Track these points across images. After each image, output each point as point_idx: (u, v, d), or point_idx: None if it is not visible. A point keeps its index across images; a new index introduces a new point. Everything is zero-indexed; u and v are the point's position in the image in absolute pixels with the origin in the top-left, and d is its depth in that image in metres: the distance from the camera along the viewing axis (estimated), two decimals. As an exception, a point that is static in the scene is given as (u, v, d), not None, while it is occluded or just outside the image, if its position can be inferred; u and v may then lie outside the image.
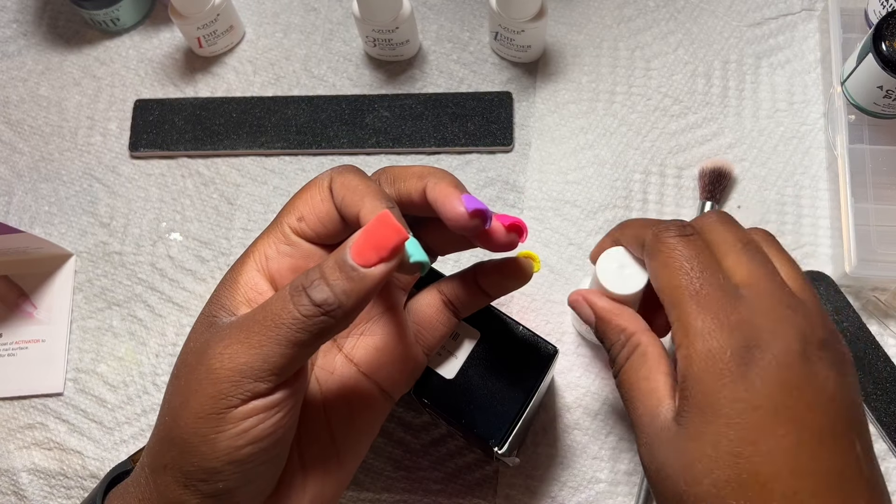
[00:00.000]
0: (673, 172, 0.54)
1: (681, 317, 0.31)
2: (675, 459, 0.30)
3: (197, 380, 0.28)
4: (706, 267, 0.31)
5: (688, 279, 0.31)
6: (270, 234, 0.32)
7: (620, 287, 0.36)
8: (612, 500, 0.47)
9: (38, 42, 0.62)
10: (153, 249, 0.55)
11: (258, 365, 0.28)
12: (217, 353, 0.28)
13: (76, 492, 0.50)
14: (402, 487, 0.48)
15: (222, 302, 0.31)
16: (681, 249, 0.32)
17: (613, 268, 0.36)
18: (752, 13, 0.59)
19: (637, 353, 0.33)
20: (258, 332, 0.28)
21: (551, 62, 0.58)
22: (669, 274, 0.32)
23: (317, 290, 0.27)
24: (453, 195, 0.31)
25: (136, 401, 0.52)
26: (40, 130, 0.59)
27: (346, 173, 0.32)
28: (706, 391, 0.29)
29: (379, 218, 0.27)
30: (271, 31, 0.61)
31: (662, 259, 0.32)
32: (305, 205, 0.32)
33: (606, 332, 0.36)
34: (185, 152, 0.57)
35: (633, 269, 0.36)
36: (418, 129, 0.56)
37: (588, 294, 0.37)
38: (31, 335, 0.53)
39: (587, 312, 0.37)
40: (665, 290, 0.32)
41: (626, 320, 0.35)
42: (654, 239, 0.33)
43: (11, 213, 0.57)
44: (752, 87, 0.56)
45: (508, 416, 0.39)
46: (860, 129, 0.52)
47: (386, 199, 0.31)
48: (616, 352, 0.35)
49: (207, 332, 0.30)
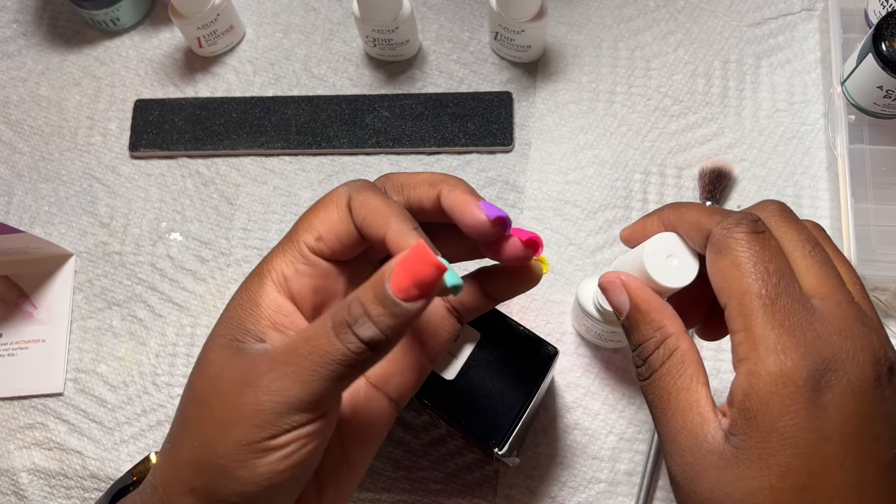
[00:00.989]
0: (673, 172, 0.54)
1: (751, 327, 0.27)
2: (732, 487, 0.27)
3: (239, 409, 0.28)
4: (783, 274, 0.28)
5: (764, 286, 0.28)
6: (286, 252, 0.32)
7: (667, 278, 0.31)
8: (612, 500, 0.47)
9: (38, 42, 0.62)
10: (153, 249, 0.55)
11: (306, 398, 0.28)
12: (264, 386, 0.28)
13: (76, 492, 0.50)
14: (402, 487, 0.48)
15: (245, 326, 0.30)
16: (757, 249, 0.28)
17: (662, 256, 0.32)
18: (752, 13, 0.59)
19: (675, 358, 0.30)
20: (306, 367, 0.28)
21: (551, 62, 0.58)
22: (742, 277, 0.28)
23: (364, 328, 0.27)
24: (471, 203, 0.31)
25: (136, 401, 0.52)
26: (40, 130, 0.59)
27: (364, 191, 0.31)
28: (774, 415, 0.26)
29: (415, 250, 0.27)
30: (271, 31, 0.61)
31: (734, 258, 0.28)
32: (323, 224, 0.31)
33: (640, 327, 0.31)
34: (185, 152, 0.57)
35: (685, 260, 0.32)
36: (418, 129, 0.56)
37: (629, 279, 0.32)
38: (32, 335, 0.53)
39: (621, 299, 0.32)
40: (734, 294, 0.28)
41: (668, 318, 0.31)
42: (725, 233, 0.29)
43: (11, 213, 0.57)
44: (752, 87, 0.56)
45: (508, 416, 0.39)
46: (860, 129, 0.52)
47: (411, 221, 0.30)
48: (648, 351, 0.31)
49: (238, 359, 0.29)
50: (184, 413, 0.30)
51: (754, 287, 0.28)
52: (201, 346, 0.53)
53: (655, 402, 0.30)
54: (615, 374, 0.50)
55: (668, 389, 0.30)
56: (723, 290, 0.29)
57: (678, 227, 0.32)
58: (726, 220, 0.29)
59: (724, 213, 0.30)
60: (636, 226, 0.34)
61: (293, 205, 0.55)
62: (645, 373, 0.31)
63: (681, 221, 0.32)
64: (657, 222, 0.33)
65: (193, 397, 0.30)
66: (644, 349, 0.31)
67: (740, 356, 0.28)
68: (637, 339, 0.31)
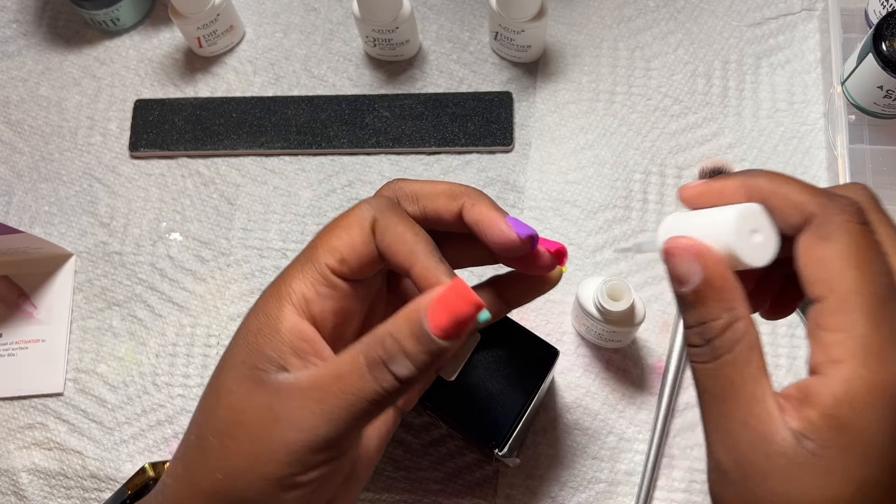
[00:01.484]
0: (673, 172, 0.54)
1: (853, 329, 0.25)
2: (803, 494, 0.25)
3: (267, 445, 0.28)
4: (891, 275, 0.26)
5: (874, 286, 0.25)
6: (306, 273, 0.31)
7: (750, 255, 0.27)
8: (612, 500, 0.47)
9: (38, 42, 0.62)
10: (153, 249, 0.55)
11: (334, 436, 0.28)
12: (293, 423, 0.28)
13: (76, 492, 0.50)
14: (402, 487, 0.48)
15: (265, 353, 0.29)
16: (866, 243, 0.26)
17: (747, 229, 0.28)
18: (752, 13, 0.59)
19: (744, 345, 0.27)
20: (336, 406, 0.28)
21: (551, 62, 0.58)
22: (849, 271, 0.25)
23: (400, 366, 0.27)
24: (499, 219, 0.30)
25: (135, 401, 0.52)
26: (40, 130, 0.59)
27: (389, 214, 0.30)
28: (866, 427, 0.24)
29: (454, 289, 0.27)
30: (271, 31, 0.61)
31: (840, 249, 0.26)
32: (347, 247, 0.30)
33: (709, 303, 0.27)
34: (185, 152, 0.57)
35: (767, 238, 0.28)
36: (418, 129, 0.56)
37: (705, 250, 0.28)
38: (31, 335, 0.53)
39: (692, 269, 0.28)
40: (836, 288, 0.25)
41: (740, 299, 0.27)
42: (832, 218, 0.26)
43: (11, 213, 0.57)
44: (752, 87, 0.56)
45: (509, 417, 0.39)
46: (860, 129, 0.52)
47: (436, 253, 0.30)
48: (713, 332, 0.27)
49: (263, 391, 0.29)
50: (202, 441, 0.30)
51: (862, 285, 0.25)
52: (200, 345, 0.53)
53: (715, 391, 0.27)
54: (615, 375, 0.50)
55: (733, 378, 0.27)
56: (820, 282, 0.26)
57: (771, 199, 0.28)
58: (832, 204, 0.26)
59: (828, 194, 0.27)
60: (710, 186, 0.30)
61: (293, 205, 0.55)
62: (705, 355, 0.27)
63: (775, 195, 0.28)
64: (739, 188, 0.29)
65: (214, 427, 0.29)
66: (709, 329, 0.27)
67: (834, 357, 0.25)
68: (701, 316, 0.28)
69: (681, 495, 0.47)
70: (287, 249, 0.54)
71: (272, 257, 0.54)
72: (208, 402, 0.30)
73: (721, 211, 0.28)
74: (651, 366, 0.50)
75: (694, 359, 0.28)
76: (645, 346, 0.50)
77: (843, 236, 0.26)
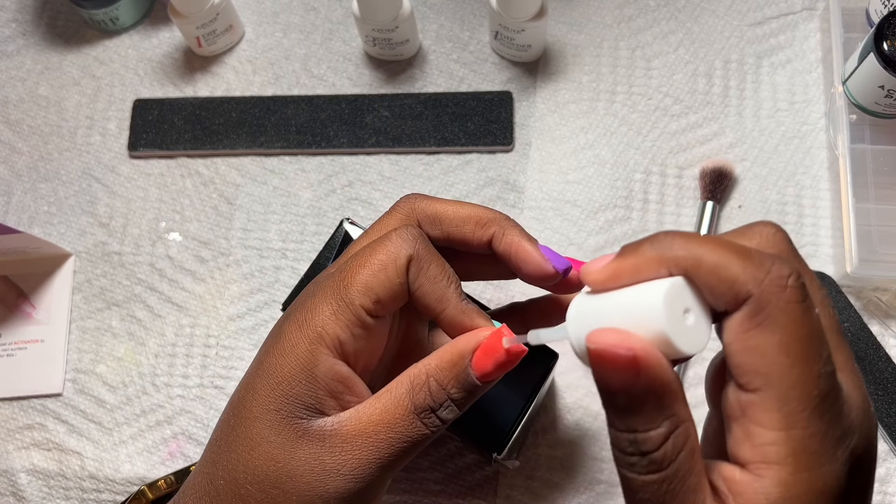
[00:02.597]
0: (674, 172, 0.54)
1: (793, 429, 0.22)
2: None
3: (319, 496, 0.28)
4: (831, 362, 0.23)
5: (817, 384, 0.22)
6: (340, 315, 0.29)
7: (686, 342, 0.23)
8: (613, 501, 0.47)
9: (37, 41, 0.62)
10: (152, 249, 0.55)
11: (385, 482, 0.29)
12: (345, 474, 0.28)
13: (75, 493, 0.50)
14: (401, 488, 0.48)
15: (303, 401, 0.29)
16: (808, 329, 0.23)
17: (679, 310, 0.23)
18: (752, 12, 0.58)
19: (685, 453, 0.24)
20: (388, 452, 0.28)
21: (552, 62, 0.58)
22: (792, 366, 0.22)
23: (448, 412, 0.28)
24: (534, 251, 0.31)
25: (135, 401, 0.51)
26: (39, 130, 0.59)
27: (426, 257, 0.30)
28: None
29: (498, 335, 0.28)
30: (271, 31, 0.61)
31: (782, 340, 0.22)
32: (384, 288, 0.29)
33: (646, 411, 0.23)
34: (185, 152, 0.57)
35: (699, 317, 0.24)
36: (418, 129, 0.56)
37: (642, 346, 0.23)
38: (30, 335, 0.53)
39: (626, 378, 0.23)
40: (774, 384, 0.23)
41: (681, 400, 0.24)
42: (772, 300, 0.22)
43: (10, 213, 0.57)
44: (753, 87, 0.56)
45: (508, 421, 0.38)
46: (861, 128, 0.52)
47: (466, 298, 0.30)
48: (653, 444, 0.24)
49: (306, 442, 0.28)
50: (238, 489, 0.29)
51: (806, 382, 0.22)
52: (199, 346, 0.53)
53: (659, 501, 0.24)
54: (616, 375, 0.49)
55: (676, 492, 0.24)
56: (756, 374, 0.23)
57: (695, 273, 0.24)
58: (768, 278, 0.23)
59: (759, 262, 0.23)
60: (620, 265, 0.25)
61: (293, 205, 0.55)
62: (641, 468, 0.24)
63: (698, 268, 0.24)
64: (658, 263, 0.24)
65: (254, 477, 0.29)
66: (647, 440, 0.24)
67: (769, 458, 0.23)
68: (636, 424, 0.24)
69: (681, 496, 0.47)
70: (287, 249, 0.54)
71: (272, 257, 0.54)
72: (239, 449, 0.29)
73: (643, 291, 0.24)
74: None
75: (625, 468, 0.25)
76: (645, 346, 0.50)
77: (784, 323, 0.22)
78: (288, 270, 0.54)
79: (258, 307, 0.53)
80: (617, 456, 0.25)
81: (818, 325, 0.23)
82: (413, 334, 0.35)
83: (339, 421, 0.29)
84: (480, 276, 0.35)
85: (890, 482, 0.47)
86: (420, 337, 0.35)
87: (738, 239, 0.25)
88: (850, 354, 0.25)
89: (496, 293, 0.52)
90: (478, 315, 0.30)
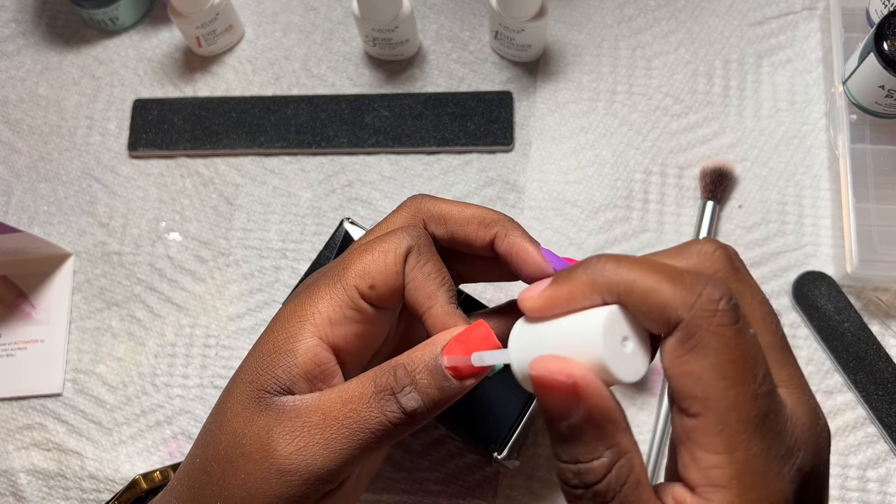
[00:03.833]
0: (674, 172, 0.54)
1: (735, 452, 0.23)
2: None
3: (264, 478, 0.27)
4: (769, 380, 0.23)
5: (754, 404, 0.23)
6: (334, 294, 0.29)
7: (624, 371, 0.24)
8: (613, 501, 0.47)
9: (36, 41, 0.62)
10: (152, 249, 0.55)
11: (335, 468, 0.27)
12: (290, 452, 0.27)
13: (75, 493, 0.50)
14: (401, 488, 0.48)
15: (275, 373, 0.28)
16: (742, 350, 0.23)
17: (617, 338, 0.24)
18: (753, 12, 0.58)
19: (630, 485, 0.24)
20: (338, 435, 0.27)
21: (552, 61, 0.58)
22: (727, 388, 0.23)
23: (409, 399, 0.26)
24: (535, 252, 0.30)
25: (134, 401, 0.51)
26: (39, 130, 0.59)
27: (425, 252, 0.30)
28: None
29: (479, 331, 0.27)
30: (271, 31, 0.61)
31: (715, 363, 0.23)
32: (379, 273, 0.29)
33: (587, 441, 0.24)
34: (185, 152, 0.57)
35: (637, 344, 0.25)
36: (418, 129, 0.56)
37: (585, 379, 0.24)
38: (30, 335, 0.53)
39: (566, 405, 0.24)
40: (712, 407, 0.23)
41: (623, 430, 0.24)
42: (702, 324, 0.23)
43: (10, 213, 0.57)
44: (753, 87, 0.56)
45: (508, 421, 0.38)
46: (862, 128, 0.52)
47: (455, 300, 0.30)
48: (595, 476, 0.24)
49: (264, 414, 0.28)
50: (206, 465, 0.29)
51: (742, 403, 0.23)
52: (199, 346, 0.53)
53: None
54: (616, 375, 0.49)
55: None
56: (694, 399, 0.23)
57: (628, 299, 0.24)
58: (698, 303, 0.23)
59: (690, 285, 0.23)
60: (555, 292, 0.25)
61: (293, 205, 0.55)
62: (586, 501, 0.24)
63: (630, 294, 0.24)
64: (591, 290, 0.25)
65: (216, 453, 0.29)
66: (590, 471, 0.24)
67: (715, 482, 0.23)
68: (578, 454, 0.24)
69: (681, 496, 0.47)
70: (287, 249, 0.54)
71: (271, 257, 0.54)
72: (214, 423, 0.29)
73: (582, 319, 0.24)
74: (651, 366, 0.50)
75: (573, 502, 0.25)
76: (645, 346, 0.50)
77: (716, 346, 0.23)
78: (288, 270, 0.54)
79: (258, 307, 0.53)
80: (564, 490, 0.25)
81: (753, 345, 0.23)
82: (411, 339, 0.34)
83: (302, 399, 0.28)
84: (483, 278, 0.35)
85: (890, 482, 0.47)
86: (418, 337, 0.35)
87: (674, 259, 0.25)
88: (795, 370, 0.25)
89: (496, 293, 0.52)
90: (463, 320, 0.29)
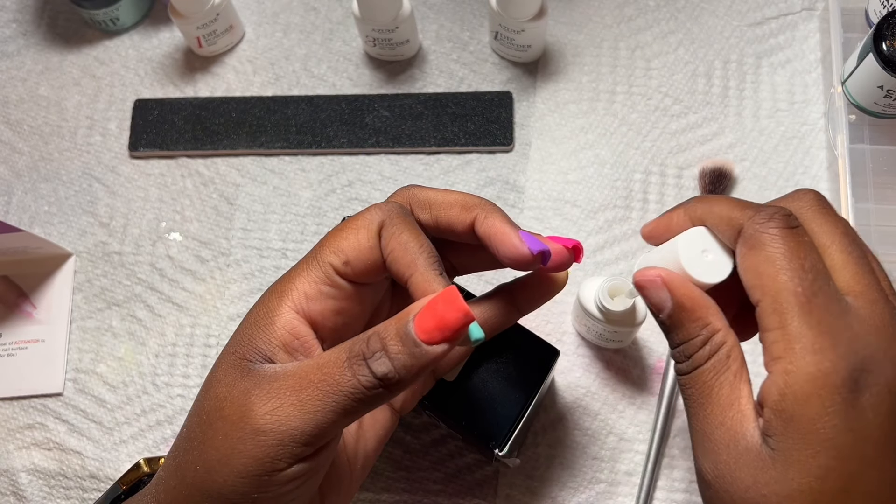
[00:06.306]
0: (673, 172, 0.54)
1: (786, 326, 0.26)
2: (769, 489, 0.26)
3: (240, 438, 0.27)
4: (819, 271, 0.27)
5: (800, 283, 0.27)
6: (310, 271, 0.31)
7: (704, 274, 0.30)
8: (613, 500, 0.47)
9: (37, 42, 0.62)
10: (153, 249, 0.55)
11: (309, 431, 0.27)
12: (265, 412, 0.27)
13: (75, 492, 0.50)
14: (401, 488, 0.48)
15: (256, 344, 0.30)
16: (791, 245, 0.27)
17: (697, 250, 0.30)
18: (752, 13, 0.59)
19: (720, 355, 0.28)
20: (312, 397, 0.27)
21: (551, 62, 0.58)
22: (777, 274, 0.27)
23: (379, 364, 0.27)
24: (511, 234, 0.31)
25: (135, 401, 0.51)
26: (40, 130, 0.59)
27: (398, 222, 0.31)
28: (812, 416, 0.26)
29: (445, 295, 0.27)
30: (271, 31, 0.61)
31: (768, 254, 0.27)
32: (353, 249, 0.30)
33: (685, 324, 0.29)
34: (185, 152, 0.57)
35: (718, 255, 0.31)
36: (418, 129, 0.56)
37: (669, 275, 0.30)
38: (31, 335, 0.53)
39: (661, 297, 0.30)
40: (767, 291, 0.27)
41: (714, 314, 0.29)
42: (758, 228, 0.28)
43: (11, 213, 0.57)
44: (752, 87, 0.56)
45: (509, 418, 0.39)
46: (861, 128, 0.52)
47: (438, 266, 0.30)
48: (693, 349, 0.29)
49: (244, 379, 0.29)
50: (189, 432, 0.30)
51: (789, 284, 0.27)
52: (199, 346, 0.53)
53: (694, 397, 0.29)
54: (615, 375, 0.50)
55: (711, 384, 0.28)
56: (755, 287, 0.28)
57: (707, 221, 0.31)
58: (758, 215, 0.28)
59: (756, 206, 0.29)
60: (660, 221, 0.32)
61: (293, 205, 0.55)
62: (686, 368, 0.29)
63: (710, 215, 0.30)
64: (683, 217, 0.31)
65: (199, 418, 0.29)
66: (688, 347, 0.29)
67: (775, 355, 0.27)
68: (681, 337, 0.30)
69: (681, 495, 0.47)
70: (287, 249, 0.54)
71: (272, 257, 0.54)
72: (200, 393, 0.30)
73: (672, 240, 0.31)
74: (651, 366, 0.50)
75: (678, 374, 0.30)
76: (645, 346, 0.50)
77: (768, 242, 0.27)
78: (288, 270, 0.54)
79: (258, 307, 0.53)
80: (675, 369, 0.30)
81: (803, 244, 0.27)
82: None
83: (283, 366, 0.29)
84: (477, 268, 0.35)
85: (889, 481, 0.47)
86: None
87: (777, 201, 0.31)
88: (870, 283, 0.28)
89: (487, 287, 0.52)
90: (442, 284, 0.29)
